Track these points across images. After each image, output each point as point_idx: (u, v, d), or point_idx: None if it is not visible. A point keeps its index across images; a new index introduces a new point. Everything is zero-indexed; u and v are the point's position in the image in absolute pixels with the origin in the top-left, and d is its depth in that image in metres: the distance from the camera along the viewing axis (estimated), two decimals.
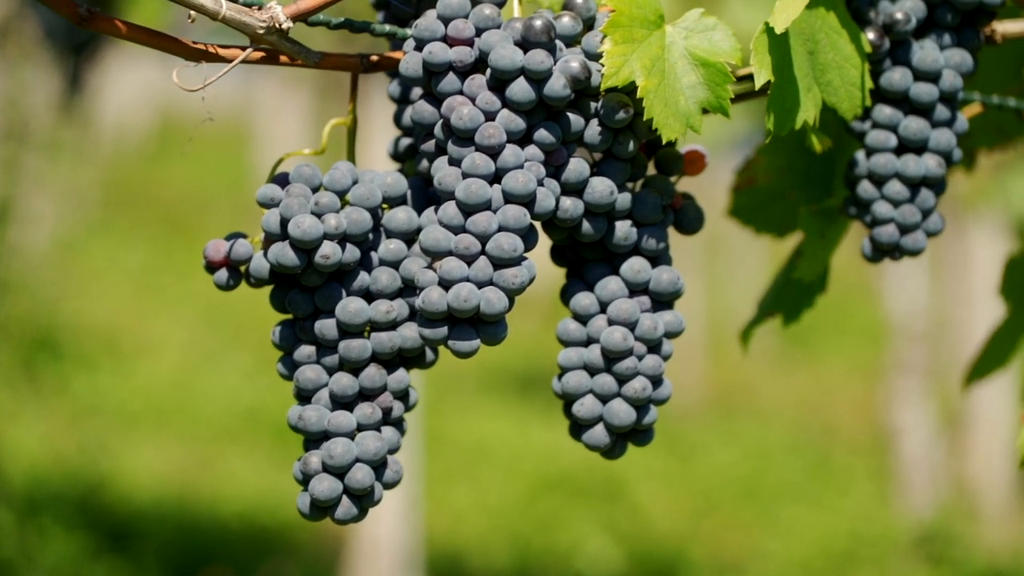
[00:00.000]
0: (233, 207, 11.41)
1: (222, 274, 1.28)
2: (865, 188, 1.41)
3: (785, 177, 1.57)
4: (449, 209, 1.22)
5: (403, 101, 1.39)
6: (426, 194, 1.31)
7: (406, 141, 1.39)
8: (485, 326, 1.22)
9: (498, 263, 1.21)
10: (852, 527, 6.08)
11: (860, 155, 1.42)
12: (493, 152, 1.22)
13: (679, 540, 5.82)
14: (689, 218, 1.33)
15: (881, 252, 1.41)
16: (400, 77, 1.28)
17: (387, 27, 1.30)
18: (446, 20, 1.24)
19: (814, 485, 6.69)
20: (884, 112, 1.40)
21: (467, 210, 1.21)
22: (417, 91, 1.37)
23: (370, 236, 1.27)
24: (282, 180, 1.28)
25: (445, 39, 1.24)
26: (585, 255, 1.31)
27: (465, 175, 1.22)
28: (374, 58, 1.30)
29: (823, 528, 6.01)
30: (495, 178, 1.22)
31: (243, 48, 1.24)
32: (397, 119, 1.40)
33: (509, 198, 1.22)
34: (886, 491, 6.42)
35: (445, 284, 1.21)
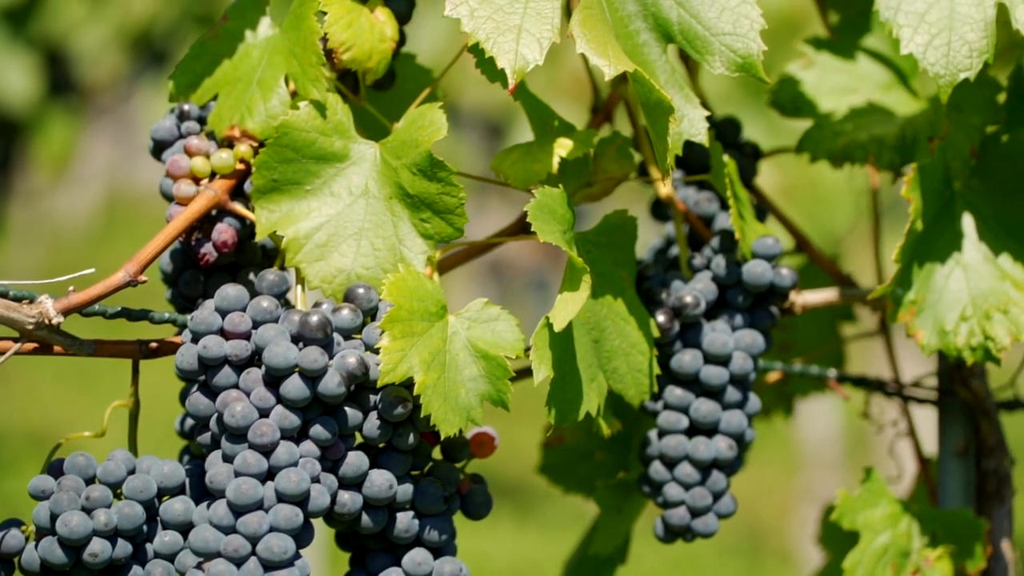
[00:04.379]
0: None
1: None
2: (657, 469, 1.41)
3: (592, 437, 1.57)
4: (219, 508, 1.20)
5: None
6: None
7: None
8: None
9: (268, 565, 1.19)
10: None
11: (653, 435, 1.42)
12: (266, 450, 1.20)
13: None
14: (476, 504, 1.32)
15: (672, 534, 1.41)
16: (176, 369, 1.27)
17: (166, 315, 1.28)
18: (223, 312, 1.23)
19: None
20: (675, 394, 1.40)
21: (238, 510, 1.19)
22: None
23: (144, 528, 1.24)
24: (56, 469, 1.25)
25: (222, 332, 1.22)
26: (368, 544, 1.29)
27: (237, 473, 1.20)
28: (153, 344, 1.28)
29: None
30: (268, 475, 1.21)
31: (15, 340, 1.22)
32: (183, 398, 1.37)
33: (282, 497, 1.20)
34: None
35: None
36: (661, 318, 1.38)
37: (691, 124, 1.30)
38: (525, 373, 1.27)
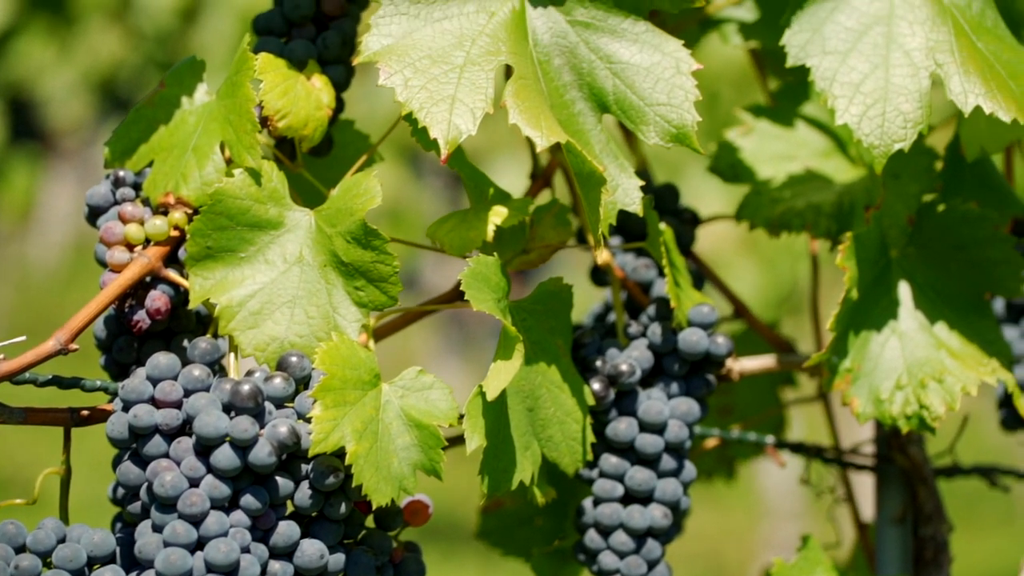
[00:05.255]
0: None
1: None
2: (592, 537, 1.40)
3: (531, 503, 1.57)
4: None
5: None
6: None
7: None
8: None
9: None
10: None
11: (588, 503, 1.41)
12: (195, 520, 1.20)
13: None
14: (409, 573, 1.31)
15: None
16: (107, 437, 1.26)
17: (98, 383, 1.28)
18: (155, 381, 1.23)
19: None
20: (610, 461, 1.40)
21: None
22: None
23: None
24: None
25: (153, 400, 1.22)
26: None
27: (166, 543, 1.19)
28: (85, 412, 1.27)
29: None
30: (198, 545, 1.20)
31: None
32: (115, 465, 1.37)
33: (211, 568, 1.19)
34: None
35: None
36: (596, 386, 1.38)
37: (625, 193, 1.31)
38: (460, 440, 1.27)
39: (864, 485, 1.77)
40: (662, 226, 1.42)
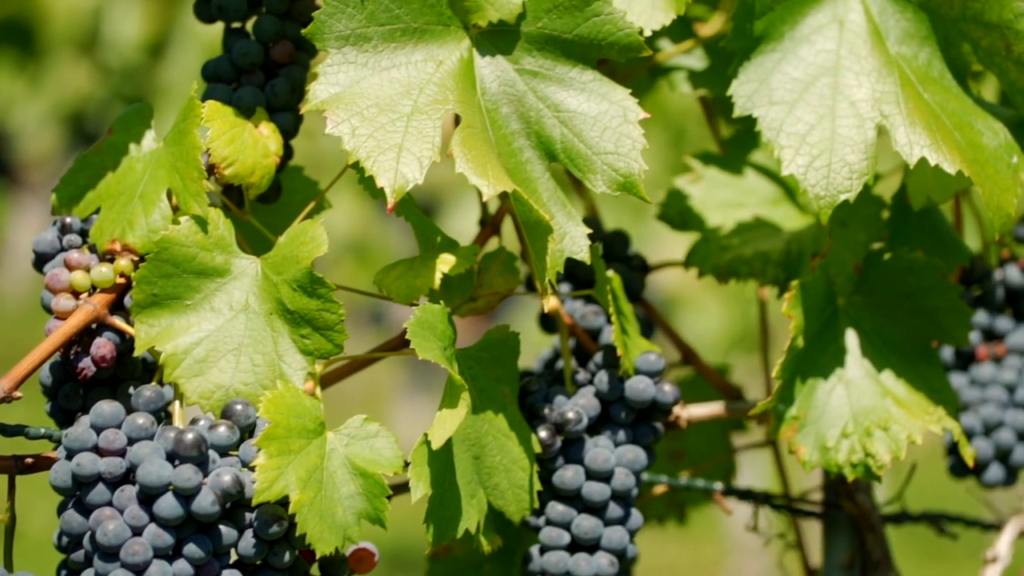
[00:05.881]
0: None
1: None
2: None
3: (479, 550, 1.57)
4: None
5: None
6: None
7: None
8: None
9: None
10: None
11: (535, 551, 1.41)
12: (138, 569, 1.19)
13: None
14: None
15: None
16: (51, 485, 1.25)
17: (42, 430, 1.27)
18: (98, 429, 1.22)
19: None
20: (557, 509, 1.40)
21: None
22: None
23: None
24: None
25: (96, 449, 1.22)
26: None
27: None
28: (29, 460, 1.27)
29: None
30: None
31: None
32: (60, 512, 1.36)
33: None
34: None
35: None
36: (543, 434, 1.38)
37: (573, 241, 1.31)
38: (406, 488, 1.27)
39: (814, 531, 1.77)
40: (610, 273, 1.42)
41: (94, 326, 1.29)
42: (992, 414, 1.61)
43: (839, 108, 1.36)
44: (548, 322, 1.53)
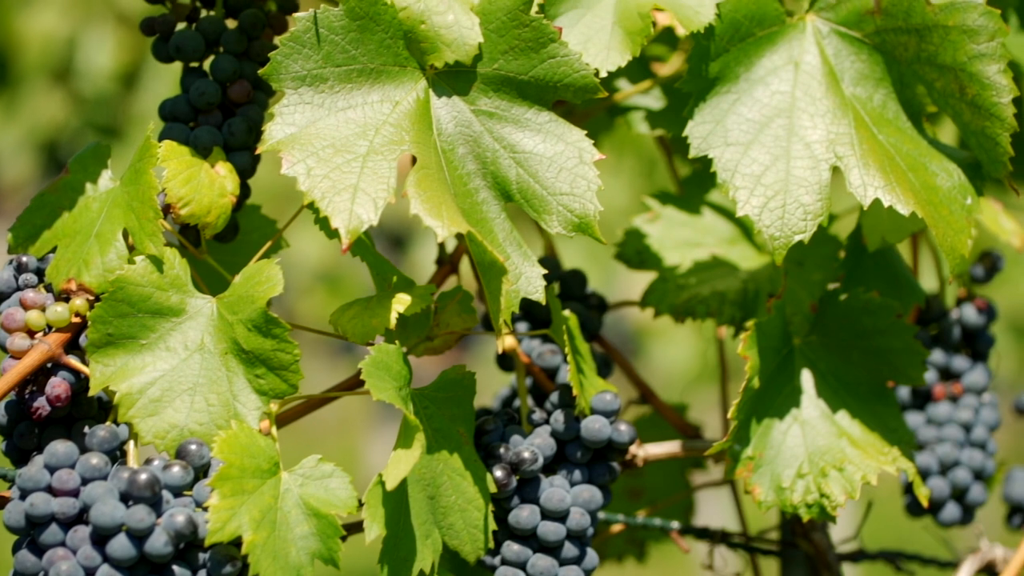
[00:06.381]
0: None
1: None
2: None
3: None
4: None
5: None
6: None
7: None
8: None
9: None
10: None
11: None
12: None
13: None
14: None
15: None
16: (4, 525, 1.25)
17: None
18: (52, 469, 1.22)
19: None
20: (512, 549, 1.40)
21: None
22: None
23: None
24: None
25: (50, 489, 1.22)
26: None
27: None
28: None
29: None
30: None
31: None
32: (15, 551, 1.36)
33: None
34: None
35: None
36: (498, 473, 1.38)
37: (528, 282, 1.32)
38: (361, 527, 1.27)
39: (771, 569, 1.77)
40: (567, 313, 1.43)
41: (49, 365, 1.29)
42: (948, 453, 1.62)
43: (794, 149, 1.37)
44: (505, 361, 1.53)
